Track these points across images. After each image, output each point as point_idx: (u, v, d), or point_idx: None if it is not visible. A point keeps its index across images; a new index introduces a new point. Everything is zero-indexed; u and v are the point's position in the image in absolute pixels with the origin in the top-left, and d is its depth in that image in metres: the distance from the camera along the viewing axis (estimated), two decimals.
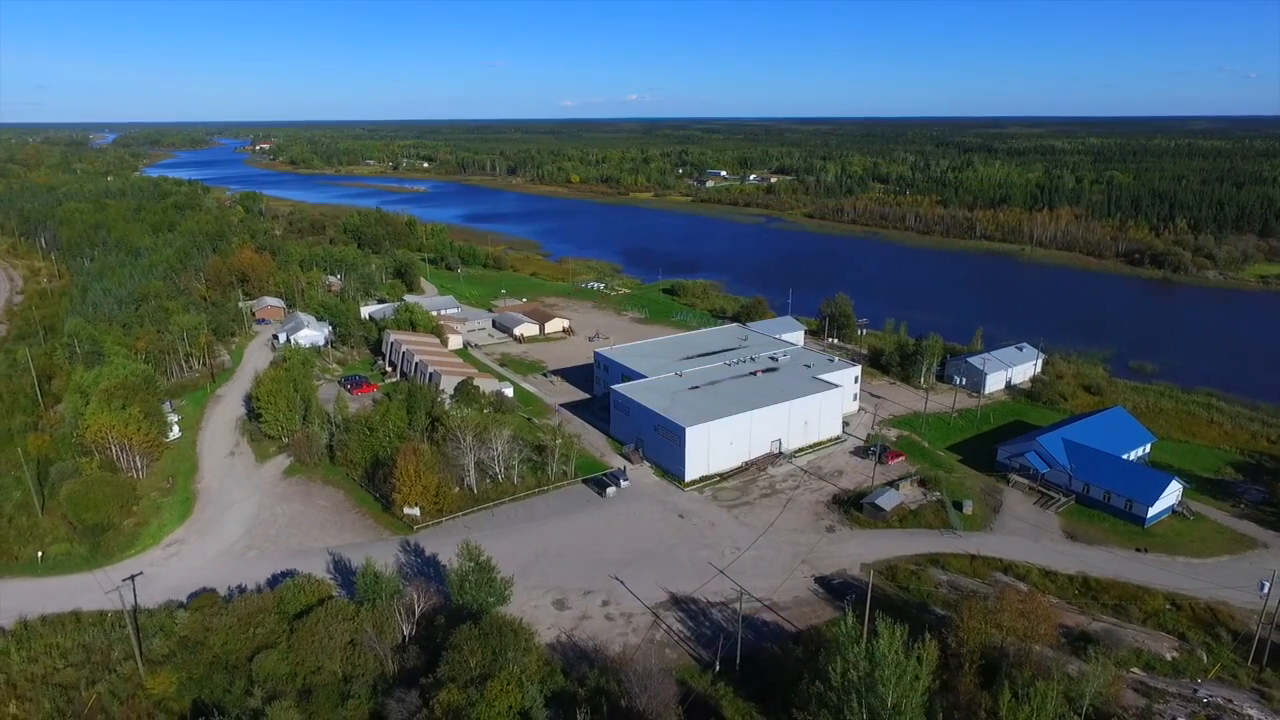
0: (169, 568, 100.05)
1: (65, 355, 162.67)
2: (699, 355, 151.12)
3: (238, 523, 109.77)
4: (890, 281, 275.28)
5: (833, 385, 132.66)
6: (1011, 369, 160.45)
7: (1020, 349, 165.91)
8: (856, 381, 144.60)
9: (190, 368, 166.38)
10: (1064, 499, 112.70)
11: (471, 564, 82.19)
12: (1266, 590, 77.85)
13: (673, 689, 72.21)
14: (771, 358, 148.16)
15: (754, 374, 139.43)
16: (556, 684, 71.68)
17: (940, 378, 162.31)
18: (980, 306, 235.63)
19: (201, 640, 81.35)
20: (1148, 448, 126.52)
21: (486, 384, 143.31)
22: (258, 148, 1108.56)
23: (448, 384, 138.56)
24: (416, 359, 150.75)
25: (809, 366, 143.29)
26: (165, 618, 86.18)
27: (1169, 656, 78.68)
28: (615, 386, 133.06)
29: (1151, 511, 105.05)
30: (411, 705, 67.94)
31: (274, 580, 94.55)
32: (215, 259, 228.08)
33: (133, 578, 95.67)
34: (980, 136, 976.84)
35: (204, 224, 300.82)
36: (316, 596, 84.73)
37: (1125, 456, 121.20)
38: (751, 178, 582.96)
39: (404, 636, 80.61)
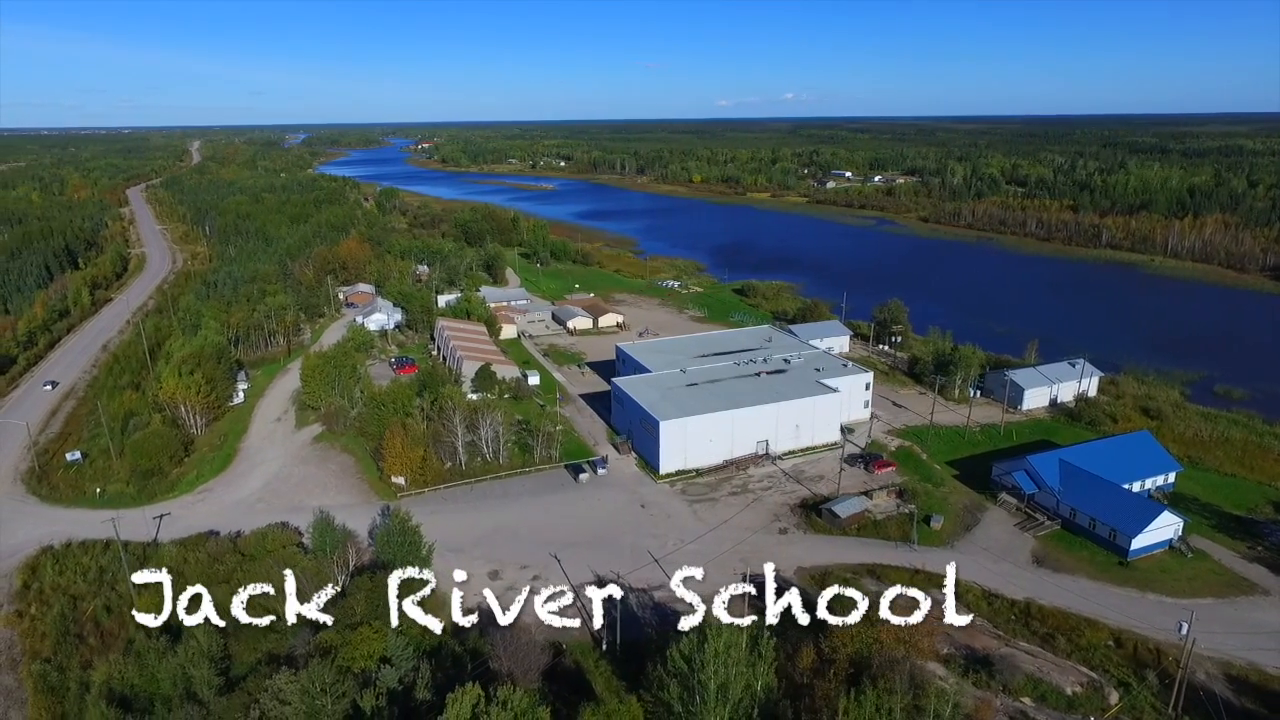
0: (192, 511, 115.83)
1: (179, 327, 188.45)
2: (715, 354, 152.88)
3: (259, 478, 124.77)
4: (977, 289, 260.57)
5: (830, 390, 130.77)
6: (1058, 385, 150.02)
7: (1074, 365, 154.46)
8: (868, 388, 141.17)
9: (275, 342, 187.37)
10: (1048, 522, 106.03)
11: (399, 527, 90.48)
12: (1185, 631, 71.45)
13: (541, 658, 77.32)
14: (785, 359, 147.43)
15: (758, 374, 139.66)
16: (435, 640, 78.25)
17: (980, 390, 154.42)
18: (1069, 319, 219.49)
19: (180, 571, 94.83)
20: (1171, 477, 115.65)
21: (507, 370, 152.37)
22: (419, 147, 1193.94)
23: (468, 369, 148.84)
24: (452, 344, 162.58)
25: (820, 370, 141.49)
26: (162, 550, 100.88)
27: (1069, 691, 74.13)
28: (615, 379, 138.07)
29: (1136, 543, 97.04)
30: (305, 641, 77.11)
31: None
32: (321, 247, 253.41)
33: (160, 516, 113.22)
34: (1158, 136, 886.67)
35: (333, 217, 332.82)
36: (279, 544, 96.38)
37: (1141, 484, 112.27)
38: (876, 179, 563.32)
39: (338, 586, 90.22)
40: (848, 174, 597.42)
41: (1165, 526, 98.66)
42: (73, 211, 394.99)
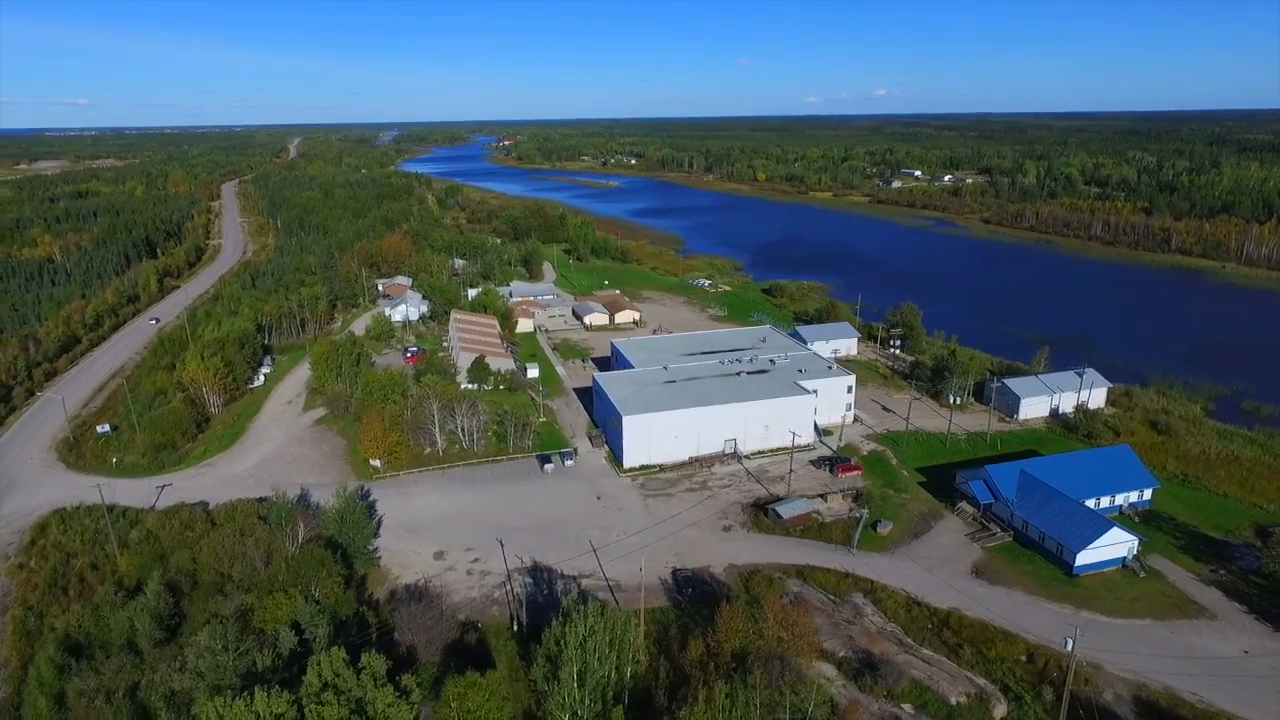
0: (191, 483, 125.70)
1: (222, 313, 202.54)
2: (703, 352, 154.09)
3: (257, 456, 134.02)
4: (1019, 294, 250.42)
5: (804, 391, 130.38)
6: (1059, 395, 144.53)
7: (1080, 374, 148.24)
8: (849, 391, 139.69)
9: (306, 330, 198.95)
10: (1001, 534, 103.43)
11: (345, 504, 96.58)
12: (1070, 647, 69.52)
13: (448, 634, 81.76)
14: (770, 360, 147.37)
15: (738, 374, 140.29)
16: (350, 609, 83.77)
17: (968, 395, 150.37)
18: (1106, 326, 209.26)
19: (157, 536, 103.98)
20: (1147, 493, 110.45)
21: (503, 363, 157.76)
22: (500, 144, 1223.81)
23: (464, 360, 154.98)
24: (455, 336, 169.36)
25: (803, 371, 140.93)
26: (145, 516, 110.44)
27: (954, 700, 73.26)
28: (596, 375, 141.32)
29: (1082, 560, 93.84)
30: (235, 602, 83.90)
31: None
32: (363, 242, 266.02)
33: (162, 487, 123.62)
34: (1275, 133, 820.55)
35: (389, 212, 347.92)
36: (244, 516, 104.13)
37: (1110, 500, 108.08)
38: (946, 178, 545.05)
39: (287, 556, 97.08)
40: (917, 173, 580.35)
41: (1116, 544, 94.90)
42: (164, 205, 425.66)
